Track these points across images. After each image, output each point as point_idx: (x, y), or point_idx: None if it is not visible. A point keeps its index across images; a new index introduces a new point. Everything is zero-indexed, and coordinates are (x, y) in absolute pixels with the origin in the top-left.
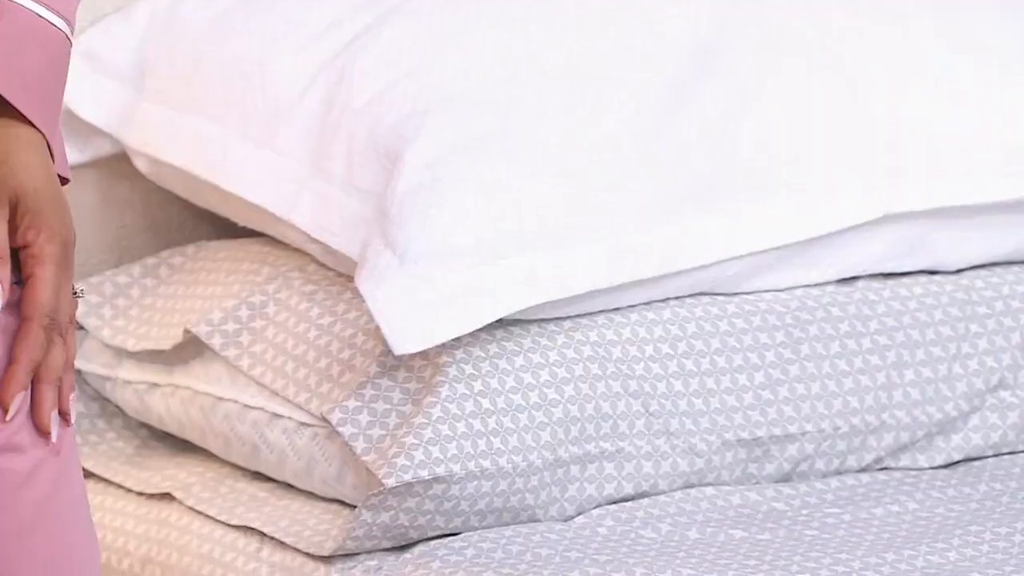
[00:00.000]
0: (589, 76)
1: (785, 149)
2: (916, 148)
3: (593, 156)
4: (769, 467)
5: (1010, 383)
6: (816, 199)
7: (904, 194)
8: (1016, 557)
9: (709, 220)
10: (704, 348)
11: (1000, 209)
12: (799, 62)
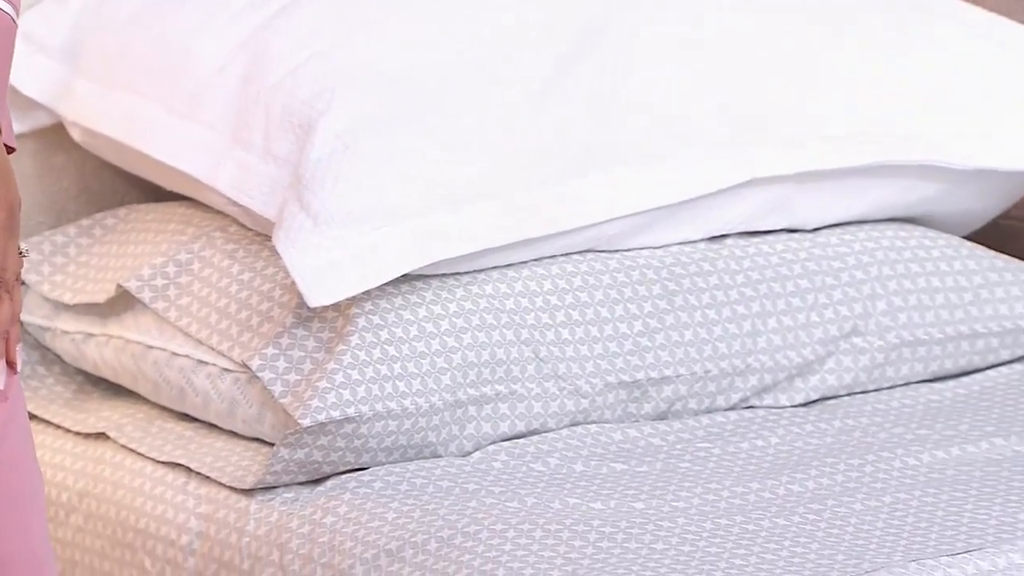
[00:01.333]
0: (484, 55)
1: (661, 120)
2: (779, 119)
3: (488, 126)
4: (647, 407)
5: (862, 330)
6: (689, 165)
7: (768, 161)
8: (867, 485)
9: (593, 184)
10: (588, 300)
11: (853, 174)
12: (673, 41)
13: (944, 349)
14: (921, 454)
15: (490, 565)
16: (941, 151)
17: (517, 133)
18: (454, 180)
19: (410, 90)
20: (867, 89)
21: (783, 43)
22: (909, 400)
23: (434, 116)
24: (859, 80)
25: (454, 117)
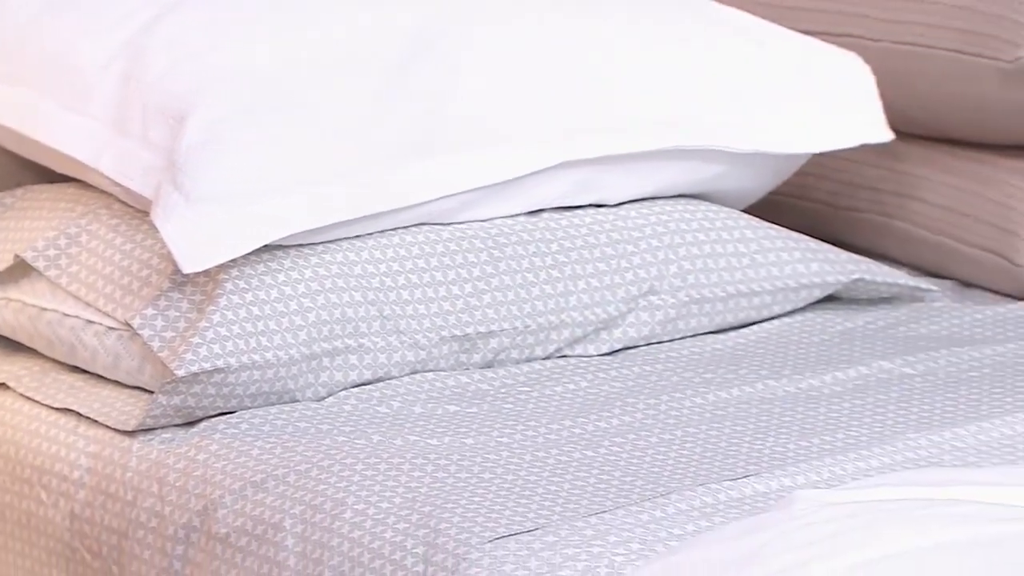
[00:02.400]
0: (337, 52)
1: (488, 110)
2: (587, 112)
3: (337, 118)
4: (476, 357)
5: (657, 289)
6: (511, 149)
7: (577, 147)
8: (661, 422)
9: (429, 167)
10: (425, 266)
11: (648, 157)
12: (497, 45)
13: (726, 305)
14: (707, 394)
15: (341, 494)
16: (721, 137)
17: (364, 123)
18: (308, 164)
19: (271, 86)
20: (659, 86)
21: (591, 48)
22: (697, 349)
23: (291, 109)
24: (653, 78)
25: (309, 110)
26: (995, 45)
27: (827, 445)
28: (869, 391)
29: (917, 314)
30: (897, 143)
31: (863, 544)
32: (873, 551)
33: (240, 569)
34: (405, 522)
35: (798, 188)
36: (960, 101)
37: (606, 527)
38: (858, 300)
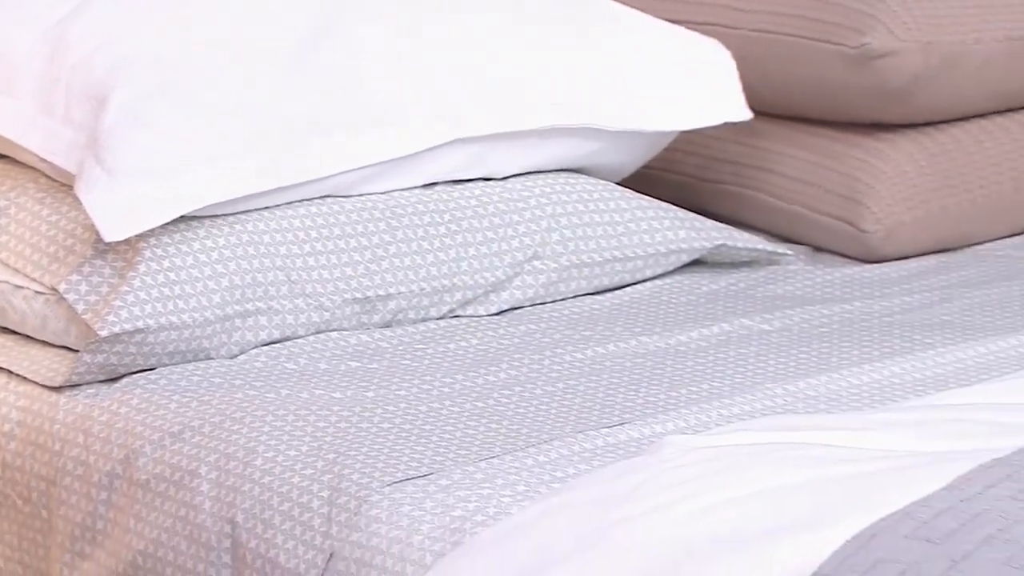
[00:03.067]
0: (245, 39)
1: (386, 92)
2: (478, 92)
3: (248, 97)
4: (376, 317)
5: (540, 255)
6: (407, 128)
7: (468, 124)
8: (544, 375)
9: (332, 143)
10: (329, 234)
11: (532, 135)
12: (394, 30)
13: (603, 269)
14: (586, 350)
15: (252, 443)
16: (598, 117)
17: (271, 104)
18: (220, 141)
19: (184, 70)
20: (541, 71)
21: (481, 37)
22: (577, 309)
23: (204, 91)
24: (536, 64)
25: (220, 92)
26: (841, 33)
27: (693, 395)
28: (731, 346)
29: (774, 276)
30: (755, 121)
31: (724, 484)
32: (733, 491)
33: (159, 512)
34: (311, 468)
35: (667, 162)
36: (811, 83)
37: (494, 471)
38: (721, 264)
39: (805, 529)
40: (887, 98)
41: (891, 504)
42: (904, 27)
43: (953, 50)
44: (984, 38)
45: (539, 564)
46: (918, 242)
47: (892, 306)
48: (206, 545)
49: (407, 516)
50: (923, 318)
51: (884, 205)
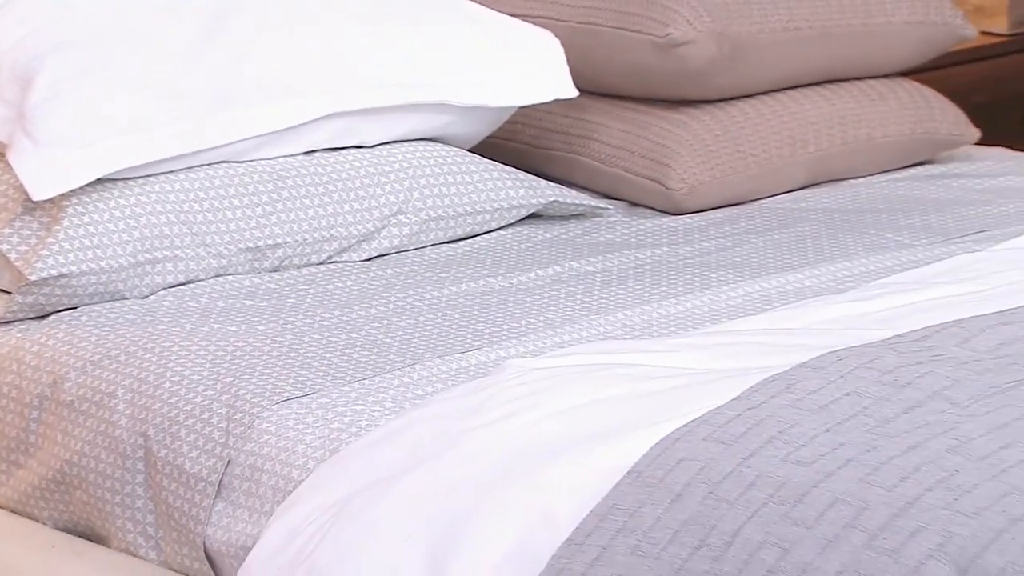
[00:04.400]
0: (151, 26)
1: (274, 73)
2: (350, 74)
3: (154, 77)
4: (266, 263)
5: (404, 210)
6: (290, 104)
7: (342, 101)
8: (409, 310)
9: (226, 116)
10: (225, 194)
11: (395, 109)
12: (277, 22)
13: (456, 222)
14: (443, 289)
15: (161, 369)
16: (450, 95)
17: (174, 83)
18: (131, 115)
19: (100, 52)
20: (402, 56)
21: (351, 27)
22: (435, 255)
23: (118, 71)
24: (398, 51)
25: (131, 72)
26: (650, 25)
27: (531, 325)
28: (562, 284)
29: (597, 227)
30: (580, 98)
31: (556, 399)
32: (563, 403)
33: (83, 428)
34: (211, 390)
35: (508, 133)
36: (626, 67)
37: (366, 391)
38: (554, 216)
39: (621, 434)
40: (687, 79)
41: (692, 413)
42: (701, 20)
43: (741, 39)
44: (765, 29)
45: (403, 466)
46: (714, 197)
47: (693, 250)
48: (123, 455)
49: (293, 429)
50: (718, 260)
51: (686, 167)
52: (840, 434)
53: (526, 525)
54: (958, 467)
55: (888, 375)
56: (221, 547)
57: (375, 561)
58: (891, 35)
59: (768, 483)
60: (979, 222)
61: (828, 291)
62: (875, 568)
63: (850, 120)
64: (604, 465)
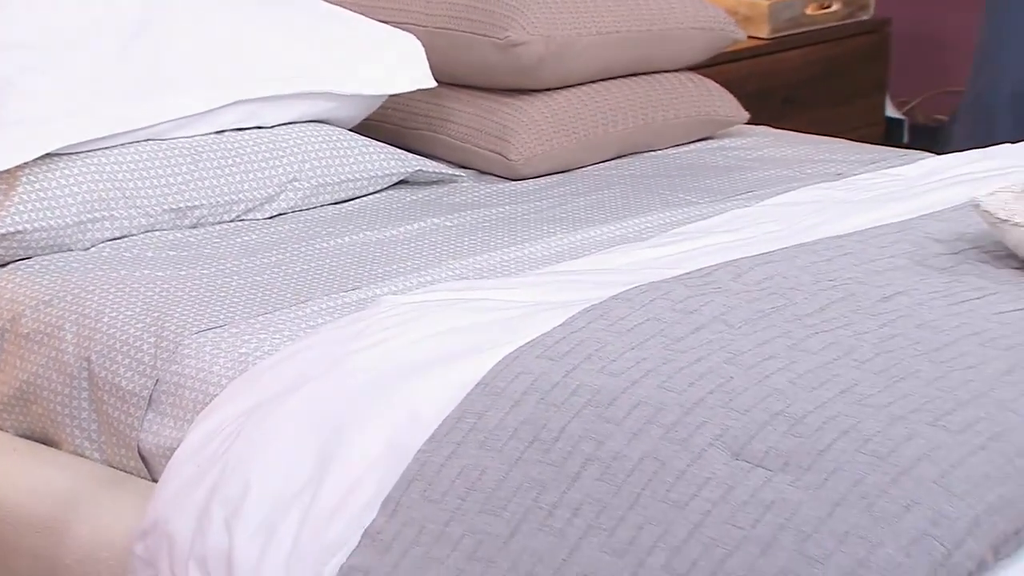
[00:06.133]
0: (89, 25)
1: (188, 66)
2: (251, 68)
3: (92, 70)
4: (186, 221)
5: (298, 177)
6: (203, 92)
7: (245, 91)
8: (303, 258)
9: (151, 102)
10: (151, 165)
11: (290, 97)
12: (193, 23)
13: (340, 187)
14: (330, 240)
15: (101, 307)
16: (331, 85)
17: (108, 74)
18: (72, 101)
19: (43, 53)
20: (293, 53)
21: (253, 29)
22: (323, 214)
23: (59, 67)
24: (290, 48)
25: (70, 67)
26: (492, 29)
27: (401, 269)
28: (426, 236)
29: (453, 191)
30: (438, 88)
31: (420, 326)
32: (426, 330)
33: (37, 355)
34: (142, 323)
35: (381, 116)
36: (474, 62)
37: (268, 322)
38: (418, 182)
39: (472, 354)
40: (523, 73)
41: (527, 337)
42: (532, 26)
43: (564, 41)
44: (583, 33)
45: (298, 382)
46: (545, 166)
47: (529, 208)
48: (70, 376)
49: (209, 353)
50: (549, 216)
51: (523, 143)
52: (642, 351)
53: (396, 427)
54: (732, 375)
55: (679, 304)
56: (152, 449)
57: (275, 457)
58: (680, 38)
59: (586, 390)
60: (748, 184)
61: (634, 239)
62: (669, 454)
63: (649, 105)
64: (458, 379)
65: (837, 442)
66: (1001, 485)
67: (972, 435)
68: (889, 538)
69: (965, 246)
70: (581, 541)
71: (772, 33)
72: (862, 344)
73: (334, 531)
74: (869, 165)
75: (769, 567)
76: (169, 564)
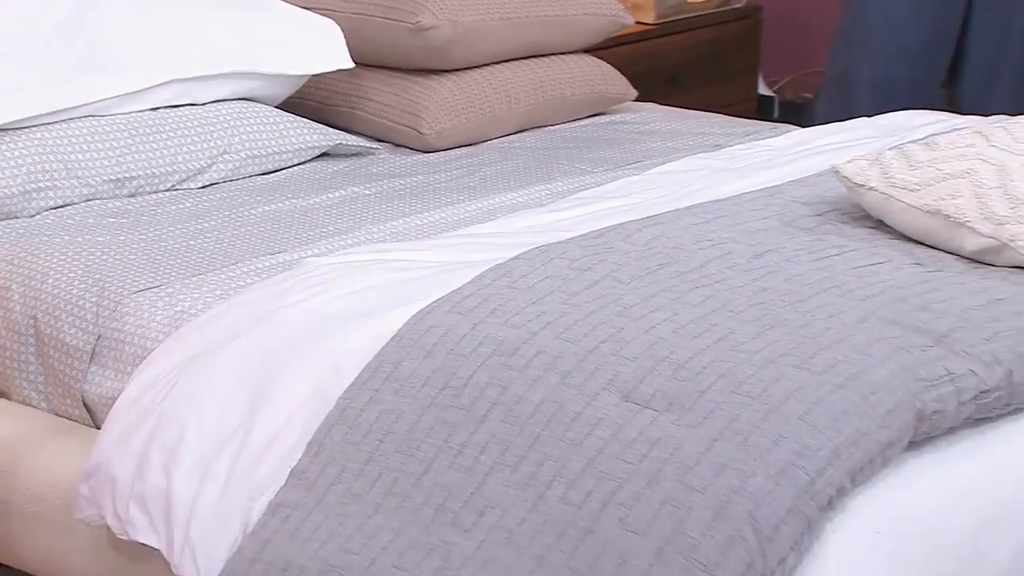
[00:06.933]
0: (29, 13)
1: (124, 48)
2: (183, 50)
3: (33, 53)
4: (124, 190)
5: (228, 150)
6: (139, 72)
7: (179, 70)
8: (233, 223)
9: (89, 81)
10: (91, 139)
11: (219, 76)
12: (129, 9)
13: (267, 159)
14: (258, 208)
15: (46, 268)
16: (258, 65)
17: (48, 56)
18: (15, 80)
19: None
20: (225, 36)
21: (184, 14)
22: (252, 184)
23: (3, 50)
24: (221, 32)
25: (15, 50)
26: (405, 15)
27: (323, 234)
28: (346, 204)
29: (371, 162)
30: (357, 69)
31: (341, 285)
32: (346, 288)
33: None
34: (85, 283)
35: (304, 94)
36: (389, 45)
37: (201, 283)
38: (339, 154)
39: (388, 310)
40: (433, 54)
41: (438, 293)
42: (441, 12)
43: (469, 26)
44: (487, 19)
45: (229, 336)
46: (454, 140)
47: (440, 178)
48: (18, 332)
49: (147, 311)
50: (459, 184)
51: (434, 118)
52: (542, 305)
53: (319, 376)
54: (623, 326)
55: (575, 263)
56: (95, 398)
57: (208, 405)
58: (575, 23)
59: (491, 341)
60: (637, 155)
61: (535, 205)
62: (566, 398)
63: (548, 83)
64: (376, 332)
65: (715, 384)
66: (858, 420)
67: (832, 376)
68: (760, 468)
69: (827, 208)
70: (487, 477)
71: (658, 19)
72: (737, 297)
73: (263, 471)
74: (743, 137)
75: (655, 496)
76: (112, 503)
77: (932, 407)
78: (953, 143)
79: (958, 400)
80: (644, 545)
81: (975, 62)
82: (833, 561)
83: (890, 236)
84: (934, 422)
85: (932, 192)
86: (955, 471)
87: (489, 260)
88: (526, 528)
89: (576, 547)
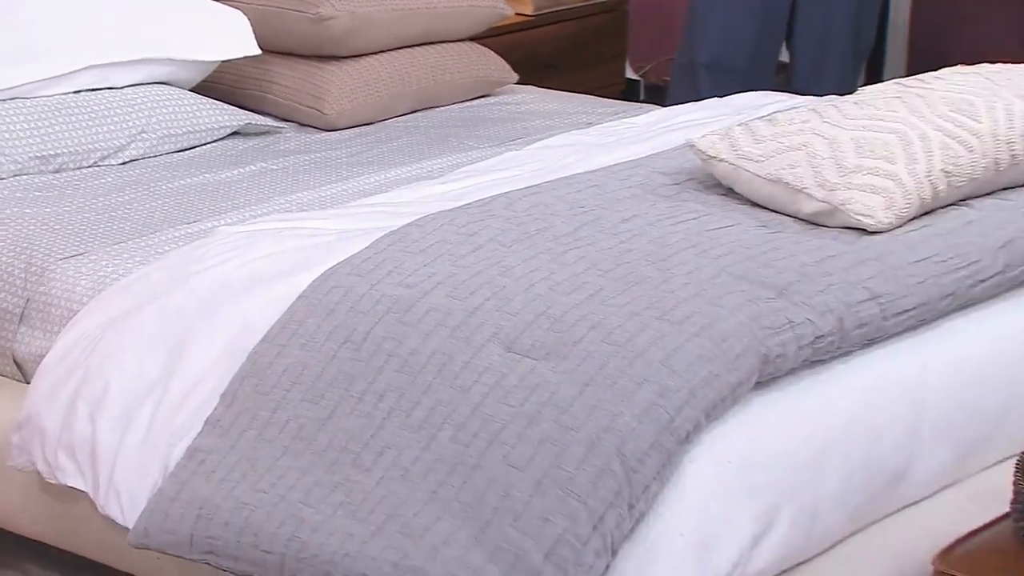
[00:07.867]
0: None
1: (47, 36)
2: (103, 38)
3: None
4: (50, 167)
5: (146, 129)
6: (61, 58)
7: (98, 56)
8: (151, 197)
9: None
10: (18, 119)
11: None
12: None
13: (183, 137)
14: (175, 182)
15: (18, 232)
16: (172, 51)
17: None
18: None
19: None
20: (141, 26)
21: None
22: (169, 160)
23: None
24: (138, 21)
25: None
26: (307, 6)
27: (235, 204)
28: (257, 177)
29: (278, 140)
30: (264, 56)
31: (251, 251)
32: (255, 254)
33: None
34: (14, 251)
35: (216, 78)
36: (294, 34)
37: (123, 250)
38: (250, 133)
39: (294, 272)
40: (334, 43)
41: (339, 257)
42: (340, 2)
43: (365, 16)
44: (380, 10)
45: (148, 298)
46: (354, 119)
47: (341, 154)
48: None
49: (72, 276)
50: (358, 159)
51: (336, 100)
52: (433, 267)
53: (232, 333)
54: (505, 284)
55: (462, 228)
56: (25, 356)
57: (130, 360)
58: (460, 14)
59: (388, 300)
60: (518, 132)
61: (427, 178)
62: (455, 349)
63: (437, 68)
64: (283, 293)
65: (587, 335)
66: (711, 364)
67: (689, 326)
68: (627, 408)
69: (684, 178)
70: (385, 421)
71: (535, 11)
72: (606, 257)
73: (181, 420)
74: (612, 116)
75: (534, 436)
76: (42, 451)
77: (775, 351)
78: (791, 119)
79: (797, 345)
80: (525, 479)
81: (805, 47)
82: (690, 488)
83: (739, 202)
84: (777, 364)
85: (774, 163)
86: (794, 407)
87: (385, 227)
88: (420, 466)
89: (464, 482)
